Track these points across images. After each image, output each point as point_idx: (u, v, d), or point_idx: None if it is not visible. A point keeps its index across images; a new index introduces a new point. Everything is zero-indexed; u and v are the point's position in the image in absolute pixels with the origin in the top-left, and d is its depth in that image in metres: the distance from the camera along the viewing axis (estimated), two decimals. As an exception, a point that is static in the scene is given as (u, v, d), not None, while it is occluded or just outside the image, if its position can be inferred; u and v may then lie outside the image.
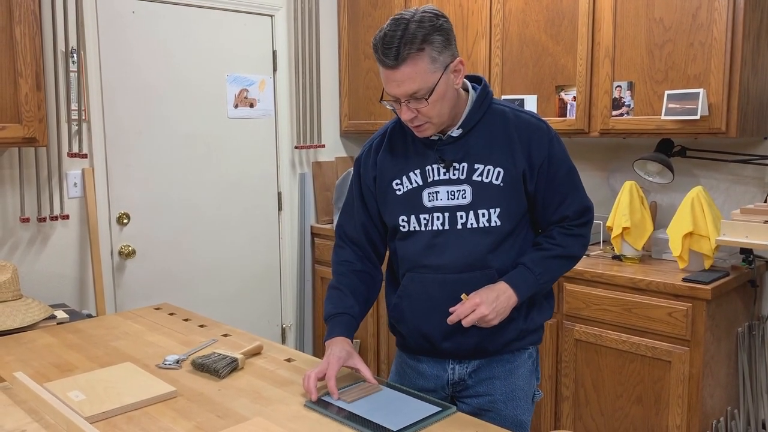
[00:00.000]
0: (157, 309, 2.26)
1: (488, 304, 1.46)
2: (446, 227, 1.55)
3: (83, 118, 2.86)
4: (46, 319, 2.22)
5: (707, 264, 2.48)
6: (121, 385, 1.53)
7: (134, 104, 3.05)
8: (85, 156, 2.88)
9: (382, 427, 1.32)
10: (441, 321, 1.51)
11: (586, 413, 2.63)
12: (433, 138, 1.55)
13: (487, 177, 1.52)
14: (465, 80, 1.58)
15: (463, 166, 1.53)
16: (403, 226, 1.60)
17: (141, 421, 1.38)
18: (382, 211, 1.65)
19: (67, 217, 2.85)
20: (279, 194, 3.66)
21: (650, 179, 2.82)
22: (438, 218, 1.55)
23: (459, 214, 1.54)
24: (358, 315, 1.64)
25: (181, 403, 1.47)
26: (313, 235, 3.76)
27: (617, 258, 2.74)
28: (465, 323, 1.45)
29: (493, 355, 1.59)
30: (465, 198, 1.53)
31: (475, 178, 1.53)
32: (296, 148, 3.68)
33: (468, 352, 1.58)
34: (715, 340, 2.40)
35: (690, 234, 2.47)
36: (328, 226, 3.70)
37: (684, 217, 2.48)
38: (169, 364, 1.69)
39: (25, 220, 2.71)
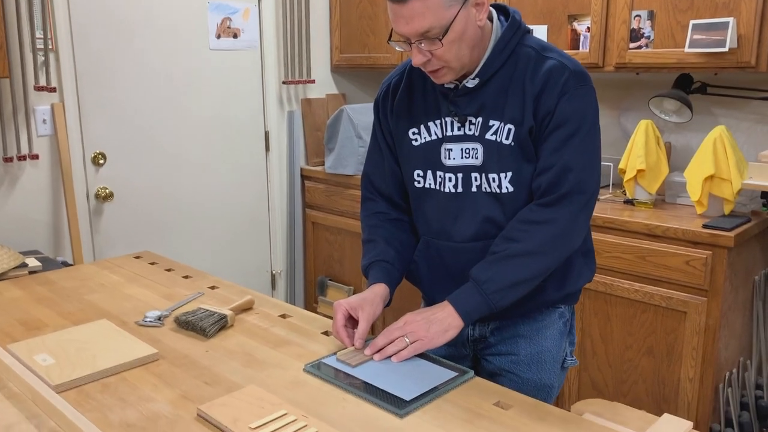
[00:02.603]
0: (137, 258, 2.08)
1: (420, 332, 1.28)
2: (460, 189, 1.36)
3: (50, 47, 2.60)
4: (16, 267, 2.03)
5: (727, 209, 2.33)
6: (96, 346, 1.36)
7: (107, 33, 2.78)
8: (53, 90, 2.62)
9: (393, 395, 1.17)
10: (454, 289, 1.33)
11: (593, 364, 2.51)
12: (448, 86, 1.34)
13: (499, 136, 1.30)
14: (492, 9, 1.33)
15: (479, 121, 1.32)
16: (418, 182, 1.41)
17: (118, 389, 1.22)
18: (399, 161, 1.46)
19: (36, 156, 2.62)
20: (266, 133, 3.43)
21: (666, 118, 2.64)
22: (451, 179, 1.36)
23: (473, 175, 1.34)
24: (395, 259, 1.44)
25: (163, 367, 1.31)
26: (303, 177, 3.56)
27: (629, 202, 2.58)
28: (398, 358, 1.28)
29: (518, 317, 1.43)
30: (477, 158, 1.33)
31: (488, 136, 1.31)
32: (284, 83, 3.42)
33: (487, 317, 1.40)
34: (733, 290, 2.27)
35: (711, 177, 2.30)
36: (318, 168, 3.49)
37: (705, 159, 2.31)
38: (150, 322, 1.52)
39: (-10, 161, 2.49)
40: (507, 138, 1.30)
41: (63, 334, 1.42)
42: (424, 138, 1.39)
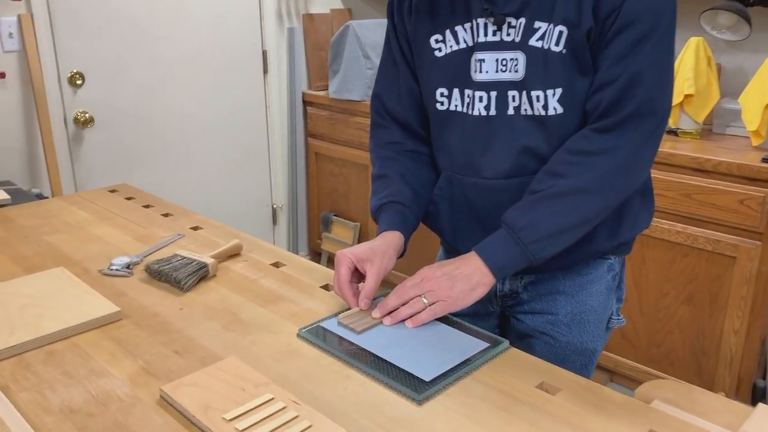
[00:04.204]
0: (113, 192, 1.82)
1: (442, 291, 1.03)
2: (492, 112, 1.07)
3: (11, -53, 2.26)
4: (-23, 202, 1.78)
5: (788, 141, 2.04)
6: (46, 301, 1.12)
7: (78, -68, 2.43)
8: (18, -2, 2.31)
9: (408, 374, 0.92)
10: (483, 237, 1.07)
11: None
12: None
13: (547, 41, 1.00)
14: None
15: (521, 23, 1.02)
16: (441, 103, 1.12)
17: (65, 359, 0.98)
18: (419, 78, 1.17)
19: (3, 75, 2.33)
20: (264, 53, 3.10)
21: (719, 35, 2.30)
22: (482, 99, 1.07)
23: (511, 93, 1.05)
24: (411, 200, 1.17)
25: (126, 329, 1.07)
26: (305, 103, 3.25)
27: (673, 132, 2.28)
28: (415, 322, 1.04)
29: (558, 270, 1.17)
30: (517, 71, 1.03)
31: (532, 42, 1.01)
32: (283, -4, 3.07)
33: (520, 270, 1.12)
34: (791, 233, 2.00)
35: (772, 103, 2.00)
36: (321, 93, 3.18)
37: (766, 83, 2.00)
38: (117, 270, 1.27)
39: (-51, 79, 2.20)
40: (557, 44, 1.00)
41: (7, 287, 1.18)
42: (450, 47, 1.09)
